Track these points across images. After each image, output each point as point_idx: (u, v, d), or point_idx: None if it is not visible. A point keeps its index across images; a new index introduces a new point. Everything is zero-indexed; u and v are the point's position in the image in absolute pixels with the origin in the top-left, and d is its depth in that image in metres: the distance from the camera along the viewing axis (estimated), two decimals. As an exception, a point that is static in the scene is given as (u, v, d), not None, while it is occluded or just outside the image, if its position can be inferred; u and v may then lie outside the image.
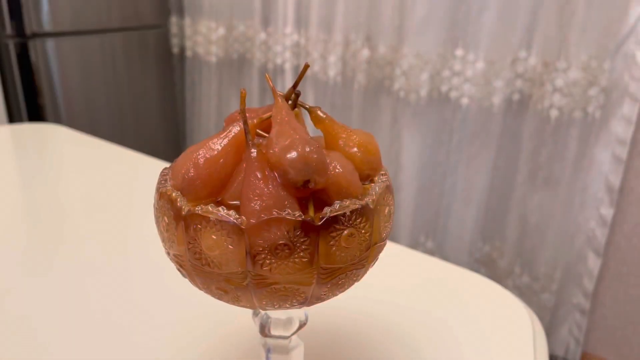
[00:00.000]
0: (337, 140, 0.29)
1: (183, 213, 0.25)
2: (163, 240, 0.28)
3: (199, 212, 0.25)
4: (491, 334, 0.45)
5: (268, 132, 0.27)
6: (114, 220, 0.65)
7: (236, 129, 0.27)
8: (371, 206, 0.26)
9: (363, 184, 0.29)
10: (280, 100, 0.27)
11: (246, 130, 0.26)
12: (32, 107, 1.61)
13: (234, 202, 0.27)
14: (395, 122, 1.43)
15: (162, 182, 0.28)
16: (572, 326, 1.38)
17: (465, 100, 1.31)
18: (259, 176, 0.25)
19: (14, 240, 0.59)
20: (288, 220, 0.24)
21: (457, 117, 1.33)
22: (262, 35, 1.64)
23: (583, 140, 1.20)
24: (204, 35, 1.80)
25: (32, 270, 0.52)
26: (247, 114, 0.30)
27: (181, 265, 0.27)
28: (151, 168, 0.84)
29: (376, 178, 0.29)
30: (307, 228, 0.25)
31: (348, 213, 0.26)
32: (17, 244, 0.59)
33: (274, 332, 0.33)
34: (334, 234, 0.25)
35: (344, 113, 1.52)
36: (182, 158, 0.27)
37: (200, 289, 0.28)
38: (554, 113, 1.20)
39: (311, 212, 0.26)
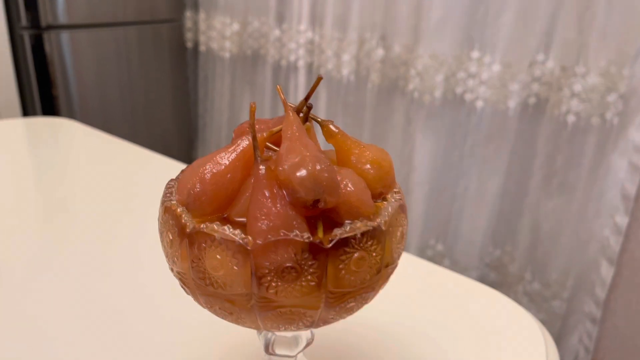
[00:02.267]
0: (349, 156, 0.28)
1: (187, 230, 0.25)
2: (166, 256, 0.27)
3: (204, 229, 0.24)
4: (503, 348, 0.44)
5: (279, 145, 0.26)
6: (120, 218, 0.64)
7: (245, 142, 0.26)
8: (383, 228, 0.25)
9: (375, 202, 0.28)
10: (291, 113, 0.26)
11: (255, 146, 0.25)
12: (46, 99, 1.61)
13: (241, 219, 0.26)
14: (408, 123, 1.41)
15: (168, 195, 0.27)
16: (582, 334, 1.36)
17: (480, 103, 1.29)
18: (267, 194, 0.24)
19: (23, 236, 0.59)
20: (296, 241, 0.23)
21: (472, 119, 1.32)
22: (277, 32, 1.63)
23: (600, 147, 1.18)
24: (218, 31, 1.79)
25: (41, 266, 0.52)
26: (257, 126, 0.29)
27: (184, 283, 0.26)
28: (160, 166, 0.84)
29: (389, 196, 0.28)
30: (315, 250, 0.24)
31: (359, 235, 0.25)
32: (25, 240, 0.58)
33: (278, 351, 0.32)
34: (343, 257, 0.24)
35: (356, 112, 1.51)
36: (188, 171, 0.27)
37: (203, 307, 0.27)
38: (571, 118, 1.18)
39: (320, 234, 0.25)
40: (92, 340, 0.42)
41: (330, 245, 0.24)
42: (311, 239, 0.24)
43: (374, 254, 0.25)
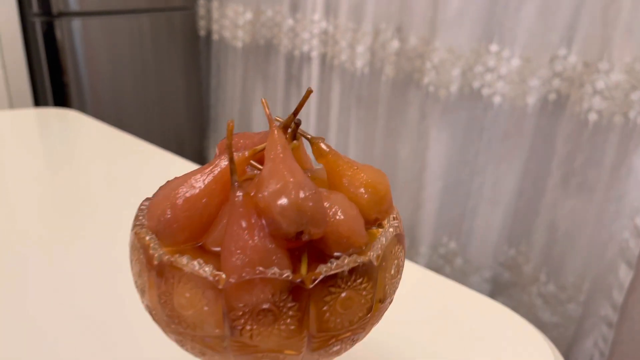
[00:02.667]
0: (341, 178, 0.25)
1: (155, 262, 0.22)
2: (135, 286, 0.24)
3: (173, 262, 0.22)
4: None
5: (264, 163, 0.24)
6: (121, 213, 0.62)
7: (224, 163, 0.24)
8: (375, 263, 0.23)
9: (369, 229, 0.26)
10: (276, 132, 0.23)
11: (232, 169, 0.22)
12: (57, 86, 1.60)
13: (218, 249, 0.23)
14: (423, 117, 1.38)
15: (140, 218, 0.25)
16: (597, 338, 1.32)
17: (497, 99, 1.24)
18: (244, 225, 0.21)
19: (28, 227, 0.57)
20: (274, 280, 0.21)
21: (489, 115, 1.27)
22: (290, 22, 1.59)
23: (622, 147, 1.13)
24: (231, 19, 1.76)
25: (42, 260, 0.50)
26: (241, 141, 0.26)
27: (153, 317, 0.24)
28: (166, 163, 0.82)
29: (385, 222, 0.25)
30: (296, 291, 0.21)
31: (346, 272, 0.22)
32: (30, 231, 0.57)
33: None
34: (328, 298, 0.21)
35: (370, 106, 1.47)
36: (159, 195, 0.24)
37: (175, 343, 0.25)
38: (592, 116, 1.14)
39: (303, 269, 0.22)
40: (92, 340, 0.40)
41: (313, 285, 0.21)
42: (290, 277, 0.21)
43: (363, 293, 0.22)
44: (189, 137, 2.00)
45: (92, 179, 0.75)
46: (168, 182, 0.25)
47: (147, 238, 0.23)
